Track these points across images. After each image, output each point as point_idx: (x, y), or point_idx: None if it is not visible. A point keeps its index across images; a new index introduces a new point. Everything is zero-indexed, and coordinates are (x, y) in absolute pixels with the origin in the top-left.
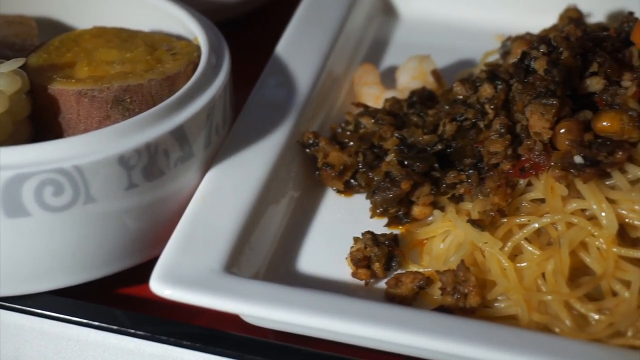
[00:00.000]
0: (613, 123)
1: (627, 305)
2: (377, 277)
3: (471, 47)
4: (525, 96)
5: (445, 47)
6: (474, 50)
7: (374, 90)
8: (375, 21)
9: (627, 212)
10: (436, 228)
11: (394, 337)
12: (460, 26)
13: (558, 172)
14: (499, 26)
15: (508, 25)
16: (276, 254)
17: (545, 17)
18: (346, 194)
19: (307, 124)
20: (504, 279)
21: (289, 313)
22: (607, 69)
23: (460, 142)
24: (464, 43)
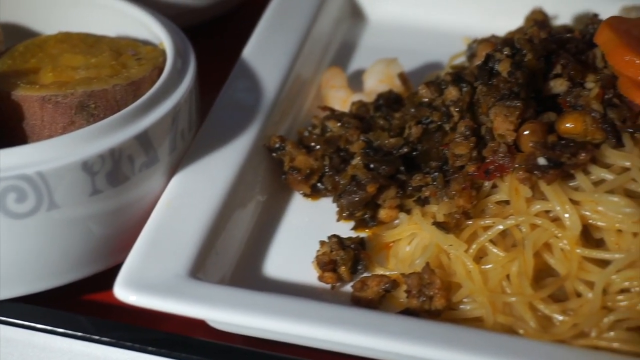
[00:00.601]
0: (576, 124)
1: (591, 305)
2: (344, 280)
3: (439, 50)
4: (490, 98)
5: (413, 50)
6: (441, 53)
7: (341, 93)
8: (344, 24)
9: (591, 213)
10: (402, 231)
11: (359, 341)
12: (428, 29)
13: (522, 173)
14: (467, 29)
15: (476, 27)
16: (242, 258)
17: (514, 19)
18: (313, 197)
19: (274, 128)
20: (469, 281)
21: (254, 318)
22: (571, 70)
23: (426, 145)
24: (432, 46)
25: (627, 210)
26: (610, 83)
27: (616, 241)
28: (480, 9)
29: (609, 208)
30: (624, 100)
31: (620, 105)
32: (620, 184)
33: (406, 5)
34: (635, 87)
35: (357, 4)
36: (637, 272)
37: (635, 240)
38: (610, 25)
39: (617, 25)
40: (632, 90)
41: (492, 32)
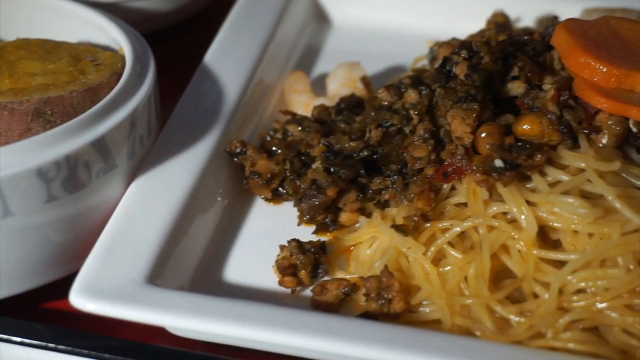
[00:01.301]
0: (533, 126)
1: (547, 306)
2: (304, 284)
3: (403, 54)
4: (447, 101)
5: (378, 53)
6: (405, 57)
7: (303, 97)
8: (308, 28)
9: (547, 214)
10: (362, 234)
11: (317, 345)
12: (393, 32)
13: (479, 176)
14: (432, 32)
15: (441, 30)
16: (203, 264)
17: (479, 22)
18: (274, 202)
19: (236, 133)
20: (427, 284)
21: (212, 323)
22: (528, 72)
23: (386, 148)
24: (396, 49)
25: (582, 211)
26: (566, 85)
27: (572, 242)
28: (445, 12)
29: (564, 209)
30: (579, 102)
31: (576, 106)
32: (575, 185)
33: (371, 8)
34: (590, 88)
35: (321, 7)
36: (593, 272)
37: (590, 241)
38: (566, 28)
39: (573, 27)
40: (587, 91)
41: (458, 35)
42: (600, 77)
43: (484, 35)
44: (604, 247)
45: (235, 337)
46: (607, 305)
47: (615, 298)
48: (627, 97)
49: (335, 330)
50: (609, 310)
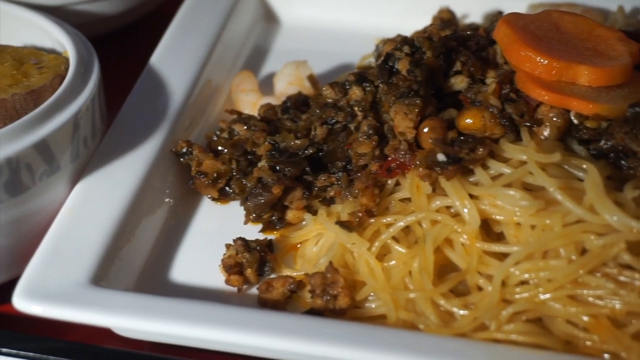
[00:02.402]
0: (475, 120)
1: (490, 298)
2: (250, 283)
3: (352, 52)
4: (390, 97)
5: (326, 52)
6: (354, 55)
7: (251, 97)
8: (257, 28)
9: (489, 207)
10: (308, 232)
11: (263, 342)
12: (342, 31)
13: (422, 170)
14: (380, 30)
15: (389, 28)
16: (149, 264)
17: (427, 19)
18: (222, 201)
19: (184, 133)
20: (372, 279)
21: (158, 323)
22: (471, 67)
23: (331, 145)
24: (345, 48)
25: (524, 203)
26: (508, 78)
27: (515, 234)
28: (393, 10)
29: (506, 202)
30: (521, 95)
31: (517, 100)
32: (517, 178)
33: (319, 8)
34: (531, 81)
35: (269, 7)
36: (535, 264)
37: (533, 233)
38: (508, 22)
39: (514, 21)
40: (528, 84)
41: (406, 32)
42: (541, 70)
43: (426, 31)
44: (546, 239)
45: (182, 336)
46: (549, 296)
47: (558, 289)
48: (568, 90)
49: (280, 327)
50: (552, 301)
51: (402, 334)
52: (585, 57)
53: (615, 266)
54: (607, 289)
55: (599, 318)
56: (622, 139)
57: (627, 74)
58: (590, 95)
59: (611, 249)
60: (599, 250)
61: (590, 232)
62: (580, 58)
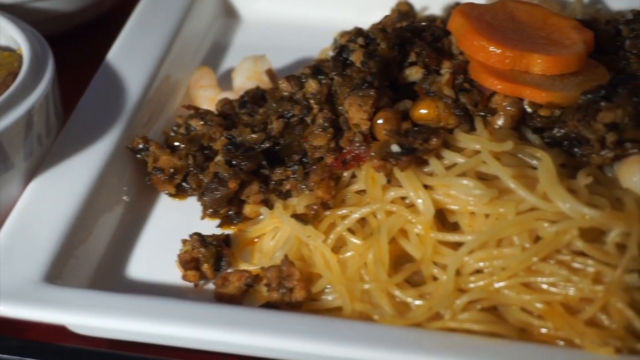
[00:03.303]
0: (429, 110)
1: (444, 288)
2: (207, 278)
3: (312, 46)
4: (345, 89)
5: (287, 47)
6: (314, 49)
7: (209, 92)
8: (216, 24)
9: (443, 197)
10: (265, 225)
11: (219, 337)
12: (302, 26)
13: (377, 162)
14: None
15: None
16: (106, 261)
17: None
18: (179, 197)
19: (142, 130)
20: (327, 271)
21: (113, 320)
22: (425, 58)
23: (288, 139)
24: (305, 42)
25: (477, 193)
26: (462, 68)
27: (469, 223)
28: (353, 3)
29: (460, 191)
30: (475, 85)
31: (471, 89)
32: (471, 167)
33: (279, 2)
34: (484, 71)
35: (229, 3)
36: (489, 252)
37: (487, 222)
38: (462, 12)
39: (468, 11)
40: (481, 74)
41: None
42: (495, 59)
43: (380, 23)
44: (500, 227)
45: (138, 332)
46: (504, 285)
47: (512, 277)
48: (521, 78)
49: (236, 321)
50: (506, 289)
51: (355, 326)
52: (539, 45)
53: (568, 253)
54: (561, 276)
55: (553, 305)
56: (575, 127)
57: (581, 62)
58: (543, 83)
59: (564, 236)
60: (552, 237)
61: (543, 219)
62: (534, 47)
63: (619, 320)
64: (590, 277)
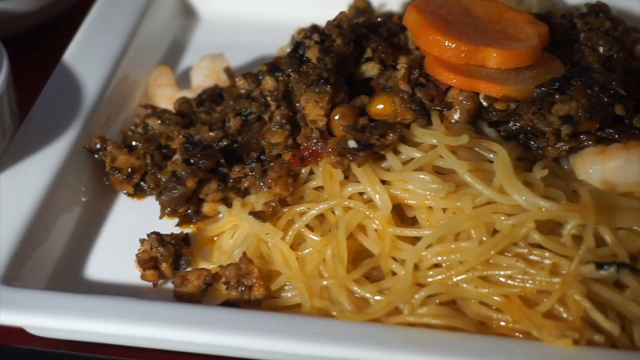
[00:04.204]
0: (386, 106)
1: (403, 283)
2: (166, 277)
3: (271, 43)
4: (301, 85)
5: (246, 45)
6: (273, 46)
7: (167, 91)
8: (175, 23)
9: (400, 192)
10: (224, 224)
11: (177, 336)
12: (261, 23)
13: (334, 158)
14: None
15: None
16: (64, 262)
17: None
18: (138, 196)
19: (101, 130)
20: (286, 268)
21: (70, 320)
22: (382, 53)
23: (245, 136)
24: (265, 40)
25: (434, 187)
26: (417, 63)
27: (427, 218)
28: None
29: (417, 186)
30: (430, 80)
31: (427, 84)
32: (428, 162)
33: (238, 1)
34: (440, 65)
35: (187, 2)
36: (447, 246)
37: (444, 216)
38: (417, 7)
39: (424, 6)
40: (437, 69)
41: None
42: (450, 53)
43: (336, 19)
44: (457, 221)
45: (96, 333)
46: (462, 278)
47: (470, 270)
48: (477, 72)
49: (194, 320)
50: (464, 282)
51: (314, 322)
52: (494, 40)
53: (525, 246)
54: (518, 268)
55: (511, 298)
56: (530, 120)
57: (536, 55)
58: (498, 77)
59: (521, 228)
60: (509, 230)
61: (500, 212)
62: (489, 41)
63: (576, 312)
64: (547, 269)
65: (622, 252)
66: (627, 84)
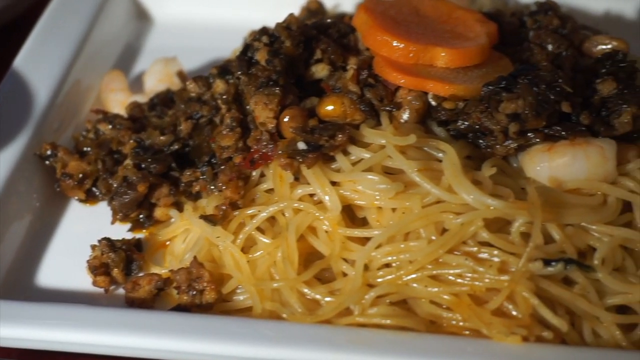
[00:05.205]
0: (335, 107)
1: (353, 283)
2: (118, 283)
3: (225, 46)
4: (250, 88)
5: (200, 48)
6: (227, 49)
7: (120, 96)
8: (128, 27)
9: (350, 192)
10: (176, 228)
11: (128, 342)
12: (215, 26)
13: (284, 160)
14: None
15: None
16: (15, 269)
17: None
18: (90, 202)
19: (53, 135)
20: (237, 272)
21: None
22: (331, 55)
23: (197, 140)
24: (218, 42)
25: (383, 187)
26: (366, 64)
27: (377, 218)
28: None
29: (366, 186)
30: (379, 80)
31: (376, 85)
32: (377, 162)
33: (192, 4)
34: (388, 66)
35: (141, 6)
36: (396, 246)
37: (394, 216)
38: (366, 8)
39: (373, 7)
40: (385, 69)
41: None
42: (399, 54)
43: (285, 21)
44: (406, 221)
45: (48, 340)
46: (412, 278)
47: (420, 269)
48: (425, 72)
49: (145, 326)
50: (415, 282)
51: (263, 325)
52: (443, 39)
53: (474, 244)
54: (467, 267)
55: (461, 296)
56: (478, 118)
57: (484, 54)
58: (447, 76)
59: (469, 227)
60: (458, 229)
61: (449, 211)
62: (437, 40)
63: (524, 309)
64: (496, 267)
65: (570, 249)
66: (575, 81)
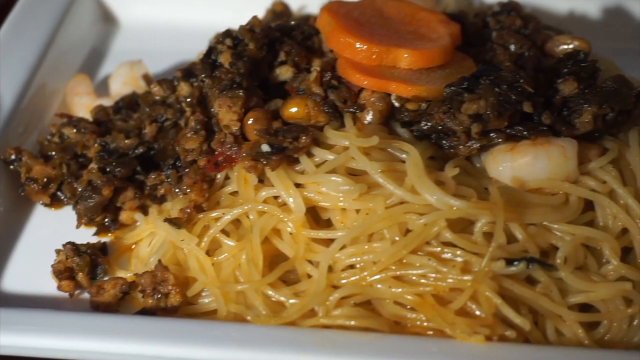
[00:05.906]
0: (299, 109)
1: (317, 285)
2: (83, 287)
3: (191, 49)
4: (214, 90)
5: (167, 50)
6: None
7: (85, 100)
8: (94, 30)
9: (314, 194)
10: (141, 231)
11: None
12: (182, 29)
13: (248, 162)
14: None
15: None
16: None
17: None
18: (55, 207)
19: (18, 140)
20: (202, 274)
21: None
22: (295, 57)
23: (162, 143)
24: (185, 45)
25: (346, 188)
26: (329, 66)
27: (341, 220)
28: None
29: (330, 188)
30: (343, 82)
31: (339, 86)
32: (341, 163)
33: (158, 7)
34: (351, 67)
35: (107, 8)
36: (360, 247)
37: (357, 217)
38: (329, 10)
39: (336, 9)
40: (348, 70)
41: None
42: (362, 55)
43: (248, 23)
44: (370, 222)
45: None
46: (376, 279)
47: (383, 270)
48: (388, 74)
49: (109, 330)
50: (378, 283)
51: (228, 327)
52: (406, 40)
53: (438, 244)
54: (430, 267)
55: (424, 296)
56: (440, 119)
57: (447, 55)
58: (410, 77)
59: (432, 227)
60: (421, 229)
61: (412, 212)
62: (400, 42)
63: (487, 309)
64: (459, 267)
65: (532, 248)
66: (537, 81)
